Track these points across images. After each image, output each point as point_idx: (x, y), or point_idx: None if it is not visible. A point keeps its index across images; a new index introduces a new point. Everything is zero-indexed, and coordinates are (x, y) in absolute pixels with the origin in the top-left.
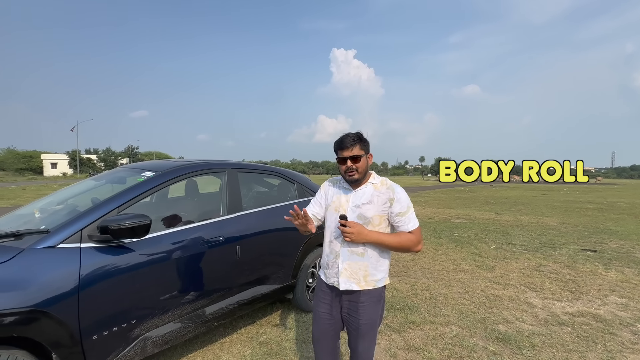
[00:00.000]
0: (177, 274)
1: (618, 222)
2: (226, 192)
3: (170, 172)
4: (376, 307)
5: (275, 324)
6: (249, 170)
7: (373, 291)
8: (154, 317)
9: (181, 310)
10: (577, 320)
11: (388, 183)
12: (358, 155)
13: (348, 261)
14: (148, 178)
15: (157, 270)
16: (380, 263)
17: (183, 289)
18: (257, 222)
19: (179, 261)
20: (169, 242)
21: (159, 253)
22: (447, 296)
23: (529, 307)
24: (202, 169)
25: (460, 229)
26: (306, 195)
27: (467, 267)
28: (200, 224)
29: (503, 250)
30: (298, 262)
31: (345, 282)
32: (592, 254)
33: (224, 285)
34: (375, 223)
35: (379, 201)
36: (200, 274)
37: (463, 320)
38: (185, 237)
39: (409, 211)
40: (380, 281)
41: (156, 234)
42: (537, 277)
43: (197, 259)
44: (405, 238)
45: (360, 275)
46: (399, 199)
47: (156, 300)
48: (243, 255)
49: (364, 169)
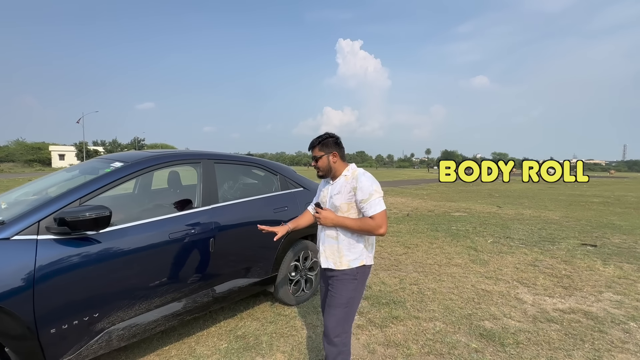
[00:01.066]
0: (144, 267)
1: (623, 217)
2: (201, 184)
3: (139, 162)
4: (348, 285)
5: (256, 317)
6: (227, 161)
7: (347, 270)
8: (119, 310)
9: (149, 304)
10: (567, 317)
11: (355, 173)
12: (316, 156)
13: (325, 244)
14: (116, 169)
15: (122, 263)
16: (353, 246)
17: (150, 281)
18: (234, 214)
19: (146, 254)
20: (135, 234)
21: (125, 245)
22: (436, 291)
23: (518, 303)
24: (175, 159)
25: (458, 222)
26: (289, 187)
27: (460, 262)
28: (171, 216)
29: (500, 244)
30: (279, 255)
31: (325, 261)
32: (591, 249)
33: (196, 279)
34: (344, 210)
35: (345, 191)
36: (169, 267)
37: (448, 316)
38: (154, 229)
39: (370, 198)
40: (354, 261)
41: (122, 226)
42: (531, 272)
43: (165, 252)
44: (365, 222)
45: (336, 256)
46: (361, 187)
47: (122, 293)
48: (217, 248)
49: (324, 167)
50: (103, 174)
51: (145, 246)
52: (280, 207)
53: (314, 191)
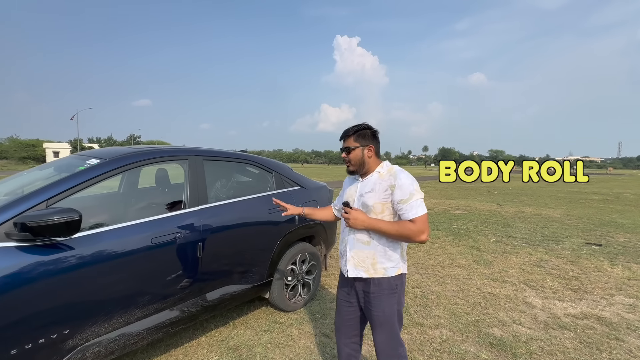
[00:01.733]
0: (122, 276)
1: (624, 214)
2: (188, 183)
3: (117, 159)
4: (389, 299)
5: (250, 325)
6: (217, 158)
7: (383, 281)
8: (94, 325)
9: (129, 316)
10: (580, 323)
11: (393, 170)
12: (349, 147)
13: (355, 249)
14: (91, 166)
15: (96, 272)
16: (388, 252)
17: (130, 292)
18: (225, 215)
19: (125, 261)
20: (112, 240)
21: (99, 252)
22: (440, 295)
23: (527, 308)
24: (159, 156)
25: (459, 221)
26: (285, 186)
27: (464, 262)
28: (154, 219)
29: (503, 243)
30: (275, 259)
31: (353, 269)
32: (597, 249)
33: (183, 287)
34: (377, 211)
35: (379, 189)
36: (151, 275)
37: (455, 322)
38: (134, 234)
39: (411, 199)
40: (391, 269)
41: (97, 231)
42: (538, 274)
43: (147, 258)
44: (405, 227)
45: (368, 264)
46: (401, 185)
47: (96, 305)
48: (207, 253)
49: (357, 161)
50: (75, 172)
51: (124, 252)
52: (275, 207)
53: (312, 190)
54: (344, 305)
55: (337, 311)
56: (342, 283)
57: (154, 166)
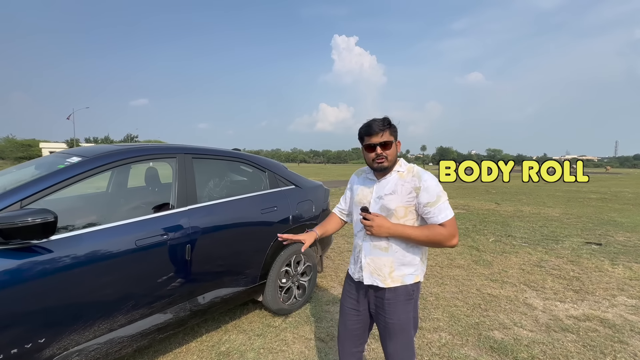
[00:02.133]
0: (104, 280)
1: (623, 213)
2: (176, 182)
3: (99, 158)
4: (405, 306)
5: (243, 329)
6: (208, 156)
7: (400, 288)
8: (73, 333)
9: (112, 323)
10: (583, 325)
11: (414, 170)
12: (388, 141)
13: (371, 256)
14: (71, 165)
15: (75, 277)
16: (407, 258)
17: (112, 297)
18: (215, 216)
19: (106, 265)
20: (93, 242)
21: (79, 256)
22: (439, 296)
23: (528, 309)
24: (144, 154)
25: (458, 220)
26: (279, 185)
27: (463, 263)
28: (139, 220)
29: (502, 243)
30: (268, 261)
31: (369, 277)
32: (597, 248)
33: (169, 291)
34: (400, 215)
35: (403, 191)
36: (135, 279)
37: (454, 325)
38: (117, 236)
39: (439, 201)
40: (408, 277)
41: (77, 233)
42: (538, 274)
43: (131, 262)
44: (435, 231)
45: (386, 272)
46: (427, 187)
47: (76, 312)
48: (195, 255)
49: (394, 157)
50: (53, 170)
51: (105, 255)
52: (268, 207)
53: (308, 189)
54: (351, 314)
55: (342, 321)
56: (349, 290)
57: (140, 165)
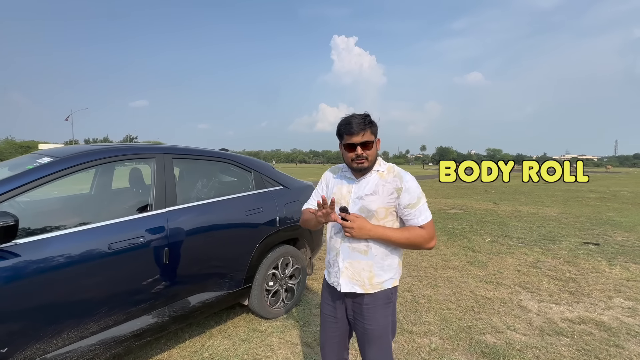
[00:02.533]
0: (73, 286)
1: (622, 213)
2: (154, 183)
3: (71, 158)
4: (384, 310)
5: (228, 334)
6: (189, 156)
7: (379, 293)
8: (40, 341)
9: (83, 330)
10: (578, 328)
11: (395, 170)
12: (369, 141)
13: (349, 259)
14: (40, 166)
15: (44, 282)
16: (387, 262)
17: (83, 303)
18: (196, 218)
19: (77, 270)
20: (62, 246)
21: (46, 260)
22: (431, 299)
23: (522, 312)
24: (119, 154)
25: (455, 220)
26: (266, 186)
27: (458, 264)
28: (112, 222)
29: (499, 243)
30: (253, 264)
31: (347, 283)
32: (594, 248)
33: (146, 297)
34: (380, 216)
35: (384, 191)
36: (108, 285)
37: (445, 329)
38: (88, 239)
39: (419, 202)
40: (387, 282)
41: (45, 236)
42: (534, 275)
43: (103, 266)
44: (415, 233)
45: (365, 277)
46: (408, 188)
47: (45, 319)
48: (174, 259)
49: (374, 156)
50: (20, 172)
51: (75, 260)
52: (254, 208)
53: (296, 190)
54: (329, 321)
55: (322, 328)
56: (327, 296)
57: (118, 165)
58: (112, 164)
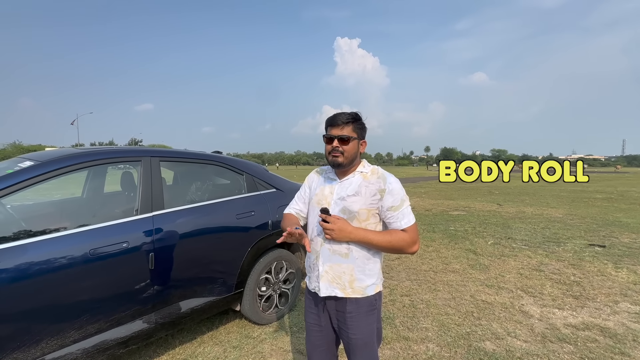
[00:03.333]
0: (52, 293)
1: (629, 214)
2: (140, 187)
3: (53, 162)
4: (368, 319)
5: (219, 340)
6: (178, 159)
7: (362, 300)
8: (17, 351)
9: (63, 339)
10: (582, 335)
11: (379, 172)
12: (348, 136)
13: (329, 263)
14: (20, 170)
15: (21, 290)
16: (369, 266)
17: (62, 311)
18: (184, 222)
19: (56, 276)
20: (39, 252)
21: (21, 267)
22: (430, 303)
23: (524, 318)
24: (104, 158)
25: (457, 222)
26: (258, 189)
27: (458, 267)
28: (95, 227)
29: (501, 246)
30: (244, 269)
31: (327, 287)
32: (600, 250)
33: (131, 303)
34: (362, 218)
35: (367, 193)
36: (89, 291)
37: (443, 335)
38: (68, 245)
39: (402, 205)
40: (370, 288)
41: (21, 242)
42: (537, 279)
43: (84, 273)
44: (397, 237)
45: (345, 280)
46: (391, 190)
47: (21, 328)
48: (160, 265)
49: (351, 154)
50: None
51: (55, 267)
52: (245, 212)
53: (290, 193)
54: (314, 329)
55: (307, 336)
56: (309, 303)
57: (111, 168)
58: (99, 167)
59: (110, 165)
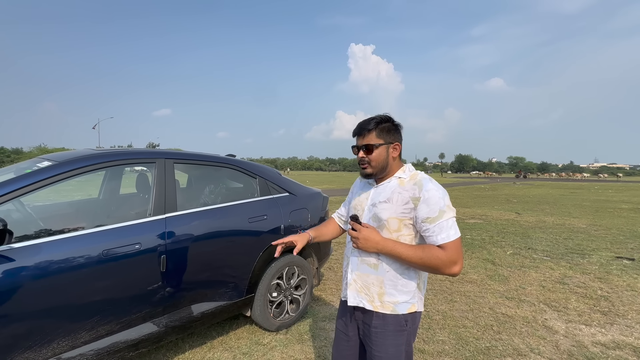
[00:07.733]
0: (65, 293)
1: None
2: (154, 188)
3: (70, 162)
4: (395, 339)
5: (229, 346)
6: (192, 162)
7: (390, 317)
8: (29, 350)
9: (74, 339)
10: (612, 354)
11: (418, 178)
12: (370, 144)
13: (357, 271)
14: (38, 169)
15: (33, 289)
16: (402, 282)
17: (74, 311)
18: (195, 225)
19: (69, 277)
20: (54, 252)
21: (35, 267)
22: (446, 315)
23: (548, 333)
24: (119, 159)
25: (474, 231)
26: (271, 193)
27: (476, 277)
28: (108, 228)
29: (521, 256)
30: (256, 273)
31: (355, 296)
32: (629, 264)
33: (142, 305)
34: (392, 228)
35: (399, 200)
36: (101, 292)
37: (461, 349)
38: (82, 245)
39: (441, 217)
40: (402, 305)
41: (36, 242)
42: (561, 292)
43: (97, 273)
44: (432, 254)
45: (374, 292)
46: (427, 199)
47: (33, 327)
48: (172, 267)
49: (379, 162)
50: (18, 175)
51: (68, 267)
52: (257, 215)
53: (303, 197)
54: (341, 337)
55: (335, 343)
56: (341, 310)
57: (123, 169)
58: (116, 169)
59: (126, 167)
